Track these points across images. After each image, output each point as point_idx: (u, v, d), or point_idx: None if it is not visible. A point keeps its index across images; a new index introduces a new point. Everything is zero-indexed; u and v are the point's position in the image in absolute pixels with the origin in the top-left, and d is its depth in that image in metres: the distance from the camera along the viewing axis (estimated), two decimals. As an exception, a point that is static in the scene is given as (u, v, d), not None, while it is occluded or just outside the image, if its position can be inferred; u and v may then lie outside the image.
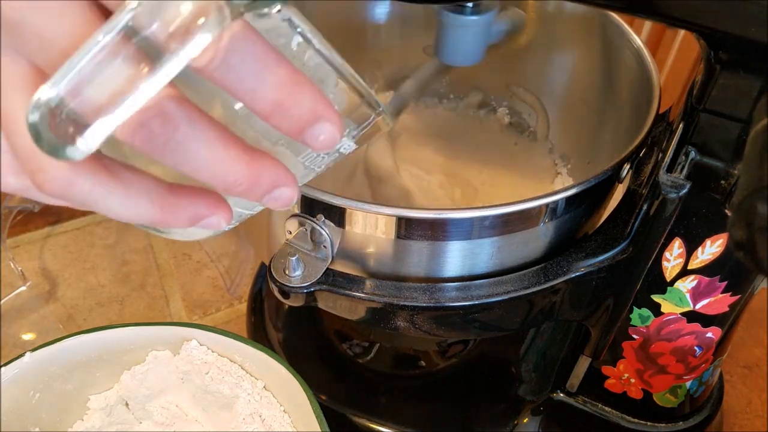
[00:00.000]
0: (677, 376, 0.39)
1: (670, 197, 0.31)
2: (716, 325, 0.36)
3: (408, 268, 0.35)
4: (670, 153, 0.31)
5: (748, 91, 0.28)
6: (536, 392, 0.47)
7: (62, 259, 0.63)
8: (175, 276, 0.62)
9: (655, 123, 0.36)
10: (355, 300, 0.34)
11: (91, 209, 0.20)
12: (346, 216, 0.33)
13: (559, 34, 0.48)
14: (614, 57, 0.43)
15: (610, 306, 0.37)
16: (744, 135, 0.29)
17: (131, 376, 0.41)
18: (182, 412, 0.43)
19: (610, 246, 0.35)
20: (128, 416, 0.43)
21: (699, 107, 0.29)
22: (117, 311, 0.59)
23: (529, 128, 0.53)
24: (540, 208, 0.33)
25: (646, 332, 0.38)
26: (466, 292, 0.34)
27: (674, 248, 0.33)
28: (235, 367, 0.41)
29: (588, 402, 0.44)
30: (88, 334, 0.40)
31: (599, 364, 0.42)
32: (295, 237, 0.35)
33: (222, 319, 0.59)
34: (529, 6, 0.49)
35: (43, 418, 0.40)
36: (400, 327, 0.36)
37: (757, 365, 0.57)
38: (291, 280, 0.34)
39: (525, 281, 0.35)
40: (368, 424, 0.47)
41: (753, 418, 0.54)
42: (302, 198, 0.33)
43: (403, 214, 0.32)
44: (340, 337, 0.53)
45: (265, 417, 0.40)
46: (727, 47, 0.27)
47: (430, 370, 0.51)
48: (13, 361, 0.38)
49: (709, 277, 0.34)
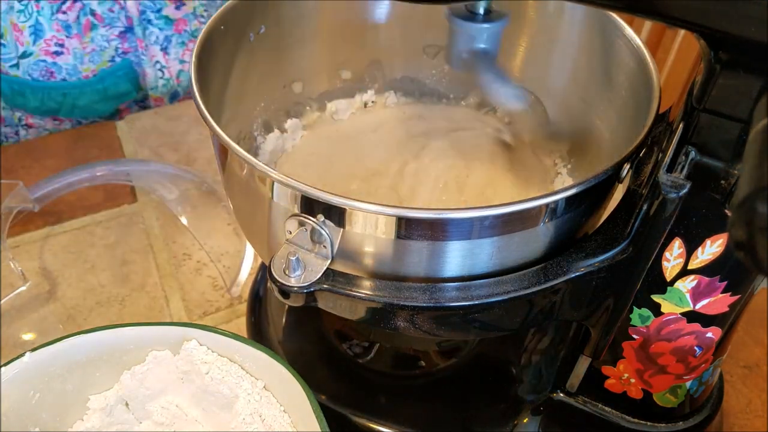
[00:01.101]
0: (677, 376, 0.39)
1: (670, 197, 0.31)
2: (716, 325, 0.36)
3: (408, 268, 0.35)
4: (670, 153, 0.31)
5: (748, 91, 0.28)
6: (536, 392, 0.47)
7: (62, 259, 0.63)
8: (175, 276, 0.62)
9: (655, 123, 0.36)
10: (355, 300, 0.34)
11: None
12: (346, 216, 0.33)
13: (558, 34, 0.48)
14: (614, 57, 0.43)
15: (610, 306, 0.37)
16: (744, 135, 0.29)
17: (131, 376, 0.41)
18: (182, 412, 0.43)
19: (610, 246, 0.35)
20: (128, 416, 0.43)
21: (699, 107, 0.29)
22: (117, 311, 0.59)
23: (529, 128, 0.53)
24: (540, 208, 0.33)
25: (646, 332, 0.38)
26: (466, 292, 0.34)
27: (674, 248, 0.33)
28: (235, 367, 0.41)
29: (588, 402, 0.44)
30: (88, 334, 0.40)
31: (599, 364, 0.42)
32: (295, 237, 0.35)
33: (222, 319, 0.59)
34: (529, 6, 0.49)
35: (43, 418, 0.40)
36: (400, 327, 0.36)
37: (757, 365, 0.57)
38: (291, 280, 0.34)
39: (525, 281, 0.35)
40: (368, 424, 0.47)
41: (753, 418, 0.54)
42: (302, 198, 0.33)
43: (403, 214, 0.32)
44: (340, 337, 0.53)
45: (265, 417, 0.40)
46: (727, 47, 0.27)
47: (430, 370, 0.51)
48: (13, 361, 0.38)
49: (709, 277, 0.34)
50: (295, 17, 0.49)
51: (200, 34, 0.41)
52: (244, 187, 0.38)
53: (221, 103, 0.44)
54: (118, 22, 0.76)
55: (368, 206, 0.32)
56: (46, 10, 0.72)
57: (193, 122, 0.80)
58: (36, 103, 0.77)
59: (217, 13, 0.42)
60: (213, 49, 0.42)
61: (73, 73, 0.78)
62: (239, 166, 0.36)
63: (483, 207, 0.32)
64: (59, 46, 0.75)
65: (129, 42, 0.79)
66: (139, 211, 0.69)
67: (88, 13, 0.75)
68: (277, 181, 0.33)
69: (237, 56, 0.46)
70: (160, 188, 0.70)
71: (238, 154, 0.34)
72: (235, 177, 0.38)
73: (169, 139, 0.78)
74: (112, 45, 0.78)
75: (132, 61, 0.80)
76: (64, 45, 0.75)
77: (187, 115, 0.82)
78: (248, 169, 0.36)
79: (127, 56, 0.80)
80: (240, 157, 0.34)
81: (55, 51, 0.75)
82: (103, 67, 0.79)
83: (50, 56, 0.75)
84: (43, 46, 0.74)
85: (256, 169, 0.33)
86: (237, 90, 0.46)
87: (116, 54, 0.79)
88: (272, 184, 0.34)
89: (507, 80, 0.41)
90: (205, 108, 0.36)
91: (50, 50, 0.75)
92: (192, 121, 0.80)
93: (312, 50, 0.52)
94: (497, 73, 0.41)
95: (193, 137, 0.78)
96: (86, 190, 0.70)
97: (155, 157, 0.75)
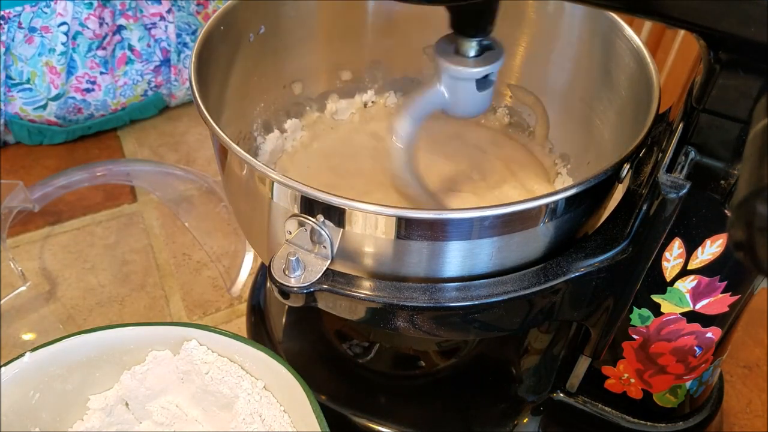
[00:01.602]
0: (677, 376, 0.39)
1: (669, 197, 0.31)
2: (716, 325, 0.36)
3: (408, 268, 0.35)
4: (670, 153, 0.31)
5: (748, 91, 0.28)
6: (536, 392, 0.47)
7: (62, 259, 0.63)
8: (175, 276, 0.62)
9: (655, 123, 0.36)
10: (355, 300, 0.34)
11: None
12: (346, 216, 0.33)
13: (559, 34, 0.48)
14: (614, 57, 0.43)
15: (610, 306, 0.37)
16: (744, 135, 0.29)
17: (131, 376, 0.41)
18: (182, 412, 0.43)
19: (610, 246, 0.35)
20: (128, 416, 0.43)
21: (699, 107, 0.29)
22: (117, 311, 0.59)
23: (529, 128, 0.53)
24: (540, 208, 0.33)
25: (646, 332, 0.38)
26: (466, 292, 0.34)
27: (674, 248, 0.33)
28: (235, 367, 0.41)
29: (588, 402, 0.44)
30: (88, 334, 0.40)
31: (599, 364, 0.42)
32: (295, 237, 0.35)
33: (222, 319, 0.59)
34: (529, 6, 0.49)
35: (43, 418, 0.40)
36: (400, 327, 0.36)
37: (757, 365, 0.57)
38: (291, 280, 0.34)
39: (525, 281, 0.35)
40: (368, 424, 0.47)
41: (753, 418, 0.54)
42: (302, 198, 0.33)
43: (403, 214, 0.32)
44: (340, 337, 0.53)
45: (265, 417, 0.40)
46: (727, 47, 0.27)
47: (430, 370, 0.51)
48: (13, 361, 0.38)
49: (709, 277, 0.34)
50: (294, 17, 0.49)
51: (200, 34, 0.41)
52: (244, 188, 0.38)
53: (221, 103, 0.44)
54: (154, 56, 0.74)
55: (368, 206, 0.32)
56: (82, 47, 0.69)
57: (193, 122, 0.80)
58: (57, 141, 0.75)
59: (217, 13, 0.42)
60: (213, 49, 0.42)
61: (101, 108, 0.74)
62: (239, 166, 0.36)
63: (483, 207, 0.32)
64: (91, 83, 0.72)
65: (163, 75, 0.76)
66: (139, 211, 0.69)
67: (125, 48, 0.72)
68: (276, 181, 0.33)
69: (237, 56, 0.46)
70: (160, 188, 0.70)
71: (238, 155, 0.34)
72: (235, 177, 0.38)
73: (169, 139, 0.78)
74: (145, 79, 0.75)
75: (163, 93, 0.78)
76: (96, 82, 0.72)
77: (187, 115, 0.82)
78: (248, 170, 0.36)
79: (160, 89, 0.77)
80: (240, 157, 0.34)
81: (86, 88, 0.72)
82: (134, 102, 0.76)
83: (80, 93, 0.72)
84: (74, 83, 0.71)
85: (256, 170, 0.33)
86: (237, 90, 0.46)
87: (149, 88, 0.76)
88: (272, 184, 0.34)
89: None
90: (205, 108, 0.36)
91: (81, 87, 0.71)
92: (192, 121, 0.80)
93: (312, 50, 0.52)
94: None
95: (193, 137, 0.78)
96: (86, 190, 0.70)
97: (155, 157, 0.75)
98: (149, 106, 0.78)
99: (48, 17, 0.66)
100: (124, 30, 0.71)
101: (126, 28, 0.71)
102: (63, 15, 0.66)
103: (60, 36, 0.67)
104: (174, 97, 0.80)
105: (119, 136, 0.78)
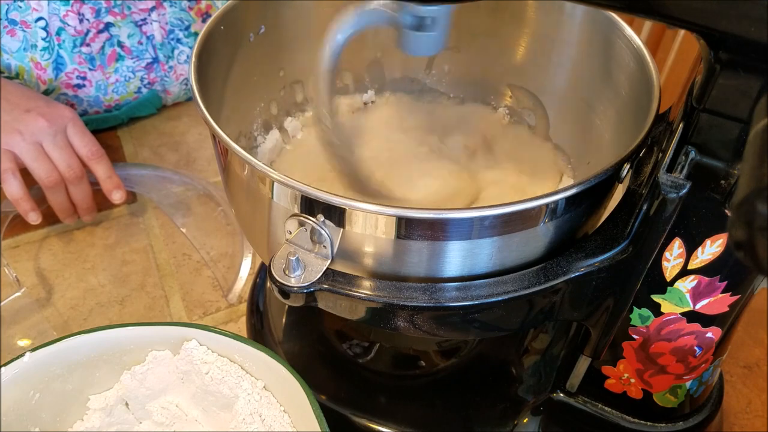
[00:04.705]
0: (677, 376, 0.39)
1: (670, 197, 0.31)
2: (716, 325, 0.36)
3: (408, 268, 0.35)
4: (670, 153, 0.31)
5: (748, 91, 0.28)
6: (536, 392, 0.47)
7: (62, 259, 0.63)
8: (175, 276, 0.62)
9: (655, 123, 0.36)
10: (355, 300, 0.34)
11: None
12: (346, 216, 0.33)
13: (559, 34, 0.48)
14: (614, 57, 0.43)
15: (610, 306, 0.37)
16: (744, 135, 0.29)
17: (131, 376, 0.41)
18: (182, 412, 0.43)
19: (610, 246, 0.35)
20: (128, 416, 0.43)
21: (699, 107, 0.29)
22: (117, 311, 0.59)
23: (530, 128, 0.53)
24: (540, 208, 0.33)
25: (646, 332, 0.38)
26: (466, 292, 0.34)
27: (674, 248, 0.33)
28: (235, 367, 0.41)
29: (588, 402, 0.44)
30: (88, 334, 0.40)
31: (599, 364, 0.42)
32: (295, 237, 0.35)
33: (222, 319, 0.59)
34: (529, 6, 0.49)
35: (43, 418, 0.40)
36: (400, 327, 0.36)
37: (757, 365, 0.57)
38: (291, 280, 0.34)
39: (525, 281, 0.35)
40: (368, 424, 0.47)
41: (753, 418, 0.54)
42: (302, 198, 0.33)
43: (403, 214, 0.32)
44: (340, 337, 0.53)
45: (265, 417, 0.40)
46: (727, 47, 0.27)
47: (430, 370, 0.51)
48: (13, 361, 0.38)
49: (709, 277, 0.34)
50: (294, 17, 0.49)
51: (200, 34, 0.41)
52: (244, 187, 0.38)
53: (221, 103, 0.44)
54: (146, 53, 0.74)
55: (368, 206, 0.32)
56: (67, 42, 0.69)
57: (193, 122, 0.80)
58: None
59: (217, 13, 0.42)
60: (213, 49, 0.42)
61: (95, 104, 0.75)
62: (239, 166, 0.36)
63: (483, 207, 0.32)
64: (81, 79, 0.72)
65: (155, 72, 0.76)
66: (139, 211, 0.69)
67: (115, 44, 0.72)
68: (277, 181, 0.33)
69: (237, 56, 0.46)
70: (157, 193, 0.70)
71: (238, 154, 0.34)
72: (235, 177, 0.38)
73: (169, 139, 0.78)
74: (137, 76, 0.75)
75: (158, 90, 0.78)
76: (86, 77, 0.72)
77: (187, 114, 0.82)
78: (248, 169, 0.36)
79: (154, 86, 0.77)
80: (240, 157, 0.34)
81: (77, 84, 0.72)
82: (128, 98, 0.77)
83: (71, 89, 0.72)
84: (64, 80, 0.71)
85: (256, 169, 0.33)
86: (237, 90, 0.46)
87: (142, 85, 0.76)
88: (272, 184, 0.34)
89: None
90: (205, 108, 0.36)
91: (71, 83, 0.72)
92: (192, 121, 0.80)
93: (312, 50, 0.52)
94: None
95: (193, 137, 0.78)
96: (86, 190, 0.70)
97: (155, 156, 0.75)
98: (146, 103, 0.78)
99: (23, 11, 0.67)
100: (112, 27, 0.72)
101: (114, 25, 0.71)
102: (38, 10, 0.67)
103: (39, 31, 0.68)
104: (169, 93, 0.80)
105: (119, 136, 0.78)
